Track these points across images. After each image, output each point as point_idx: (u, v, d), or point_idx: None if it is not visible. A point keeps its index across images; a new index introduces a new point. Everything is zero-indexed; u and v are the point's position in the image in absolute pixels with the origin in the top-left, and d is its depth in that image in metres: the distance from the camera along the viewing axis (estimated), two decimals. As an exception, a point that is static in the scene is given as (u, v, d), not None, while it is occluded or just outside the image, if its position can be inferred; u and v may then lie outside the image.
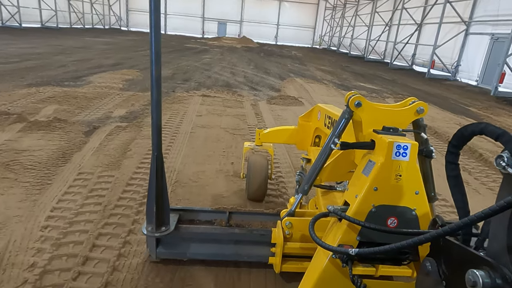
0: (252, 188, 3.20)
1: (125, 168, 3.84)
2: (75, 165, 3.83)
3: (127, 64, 12.58)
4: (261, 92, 9.55)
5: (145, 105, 6.85)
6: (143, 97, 7.54)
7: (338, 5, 39.15)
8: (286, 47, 36.68)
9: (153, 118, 2.00)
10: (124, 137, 4.84)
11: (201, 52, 20.76)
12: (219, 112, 6.78)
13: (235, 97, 8.45)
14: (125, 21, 43.96)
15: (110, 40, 23.65)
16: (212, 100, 7.83)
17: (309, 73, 15.60)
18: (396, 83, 14.83)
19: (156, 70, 1.91)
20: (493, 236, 0.99)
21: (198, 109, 6.91)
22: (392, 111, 1.80)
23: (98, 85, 8.28)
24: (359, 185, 1.60)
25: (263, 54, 24.49)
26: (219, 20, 43.73)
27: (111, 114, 6.00)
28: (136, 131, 5.17)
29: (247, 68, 15.05)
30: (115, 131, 5.07)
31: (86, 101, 6.64)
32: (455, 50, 17.78)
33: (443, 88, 14.83)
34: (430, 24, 20.33)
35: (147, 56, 15.57)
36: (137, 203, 3.13)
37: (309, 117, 2.98)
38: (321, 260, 1.61)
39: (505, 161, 0.96)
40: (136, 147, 4.52)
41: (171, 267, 2.32)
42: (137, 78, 9.95)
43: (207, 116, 6.42)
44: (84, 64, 11.62)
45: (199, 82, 10.23)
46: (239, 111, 6.98)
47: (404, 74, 18.95)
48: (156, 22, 1.81)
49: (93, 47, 17.94)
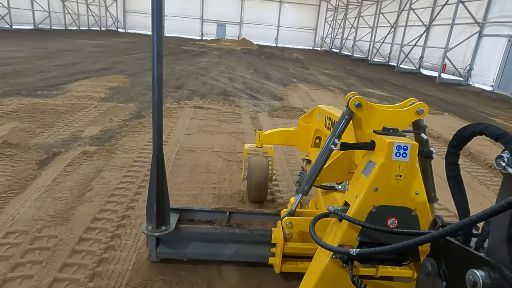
0: (252, 190, 3.19)
1: (76, 222, 2.79)
2: (6, 217, 2.78)
3: (115, 69, 11.55)
4: (262, 101, 8.52)
5: (126, 120, 5.81)
6: (125, 109, 6.50)
7: (340, 6, 38.18)
8: (287, 49, 35.68)
9: (154, 118, 2.00)
10: (87, 169, 3.80)
11: (198, 55, 19.74)
12: (212, 128, 5.74)
13: (232, 108, 7.41)
14: (122, 22, 42.99)
15: (103, 43, 22.63)
16: (206, 112, 6.79)
17: (312, 77, 14.58)
18: (407, 89, 13.80)
19: (158, 70, 1.91)
20: (493, 236, 0.99)
21: (188, 124, 5.87)
22: (392, 112, 1.80)
23: (75, 95, 7.25)
24: (359, 185, 1.59)
25: (263, 56, 23.47)
26: (218, 22, 42.76)
27: (81, 134, 4.96)
28: (106, 158, 4.13)
29: (246, 72, 14.03)
30: (78, 159, 4.03)
31: (55, 117, 5.60)
32: (467, 53, 16.74)
33: (457, 94, 13.80)
34: (439, 25, 19.32)
35: (140, 60, 14.56)
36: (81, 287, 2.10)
37: (309, 118, 2.97)
38: (322, 260, 1.59)
39: (505, 161, 0.95)
40: (100, 184, 3.48)
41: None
42: (123, 85, 8.91)
43: (197, 134, 5.38)
44: (67, 69, 10.59)
45: (193, 89, 9.20)
46: (236, 127, 5.95)
47: (413, 78, 17.92)
48: (158, 22, 1.83)
49: (83, 50, 16.92)
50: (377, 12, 28.70)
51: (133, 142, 4.74)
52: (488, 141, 6.15)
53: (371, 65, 24.94)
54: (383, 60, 26.33)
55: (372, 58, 26.61)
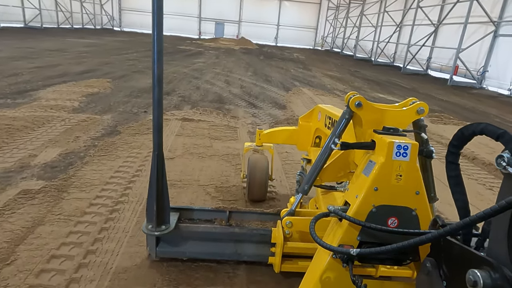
0: (252, 189, 3.19)
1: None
2: None
3: (100, 71, 10.47)
4: (262, 110, 7.44)
5: (95, 138, 4.74)
6: (98, 123, 5.42)
7: (342, 5, 37.09)
8: (287, 49, 34.58)
9: (154, 117, 2.01)
10: (20, 221, 2.73)
11: (194, 55, 18.64)
12: (201, 150, 4.67)
13: (227, 120, 6.34)
14: (117, 21, 41.82)
15: (95, 42, 21.52)
16: (195, 126, 5.72)
17: (316, 80, 13.50)
18: (418, 93, 12.74)
19: (158, 68, 1.92)
20: (493, 236, 0.98)
21: (172, 144, 4.80)
22: (392, 111, 1.79)
23: (43, 104, 6.17)
24: (360, 185, 1.58)
25: (263, 57, 22.38)
26: (217, 20, 41.63)
27: (32, 160, 3.89)
28: (53, 201, 3.06)
29: (244, 75, 12.95)
30: (12, 204, 2.96)
31: (5, 135, 4.52)
32: (480, 54, 15.68)
33: (473, 98, 12.75)
34: (449, 24, 18.26)
35: (130, 61, 13.48)
36: None
37: (310, 118, 2.97)
38: (322, 260, 1.58)
39: (506, 161, 0.95)
40: (30, 249, 2.40)
41: None
42: (104, 91, 7.83)
43: (182, 159, 4.31)
44: (45, 72, 9.50)
45: (184, 96, 8.12)
46: (231, 147, 4.88)
47: (421, 81, 16.86)
48: (158, 21, 1.83)
49: (71, 49, 15.81)
50: (380, 10, 27.64)
51: (96, 173, 3.67)
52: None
53: (375, 65, 23.88)
54: (387, 61, 25.27)
55: (376, 58, 25.51)
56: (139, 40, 26.05)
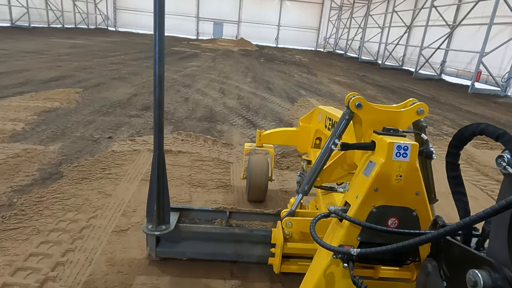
0: (252, 189, 3.17)
1: None
2: None
3: (73, 78, 8.92)
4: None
5: (20, 189, 3.18)
6: (37, 158, 3.87)
7: (345, 5, 35.57)
8: (288, 50, 33.05)
9: (155, 117, 2.00)
10: None
11: (188, 58, 17.10)
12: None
13: (217, 149, 4.80)
14: (112, 20, 40.26)
15: (82, 42, 19.96)
16: (173, 162, 4.17)
17: (323, 88, 11.97)
18: (440, 103, 11.21)
19: (160, 68, 1.92)
20: (493, 236, 0.97)
21: (132, 199, 3.26)
22: (392, 112, 1.78)
23: (-26, 128, 4.63)
24: (360, 185, 1.57)
25: (263, 59, 20.84)
26: (215, 20, 40.09)
27: None
28: None
29: (243, 81, 11.41)
30: None
31: None
32: (505, 59, 14.17)
33: (502, 109, 11.23)
34: (466, 25, 16.75)
35: (114, 64, 11.93)
36: None
37: (310, 119, 2.97)
38: (322, 260, 1.57)
39: (506, 161, 0.94)
40: None
41: None
42: (67, 106, 6.28)
43: (141, 232, 2.77)
44: (5, 79, 7.95)
45: (167, 111, 6.58)
46: (220, 201, 3.34)
47: (438, 87, 15.33)
48: (160, 20, 1.84)
49: (51, 51, 14.28)
50: (388, 10, 26.14)
51: (-21, 277, 2.13)
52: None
53: (383, 69, 22.35)
54: (396, 64, 23.75)
55: (384, 61, 23.98)
56: (131, 41, 24.53)
